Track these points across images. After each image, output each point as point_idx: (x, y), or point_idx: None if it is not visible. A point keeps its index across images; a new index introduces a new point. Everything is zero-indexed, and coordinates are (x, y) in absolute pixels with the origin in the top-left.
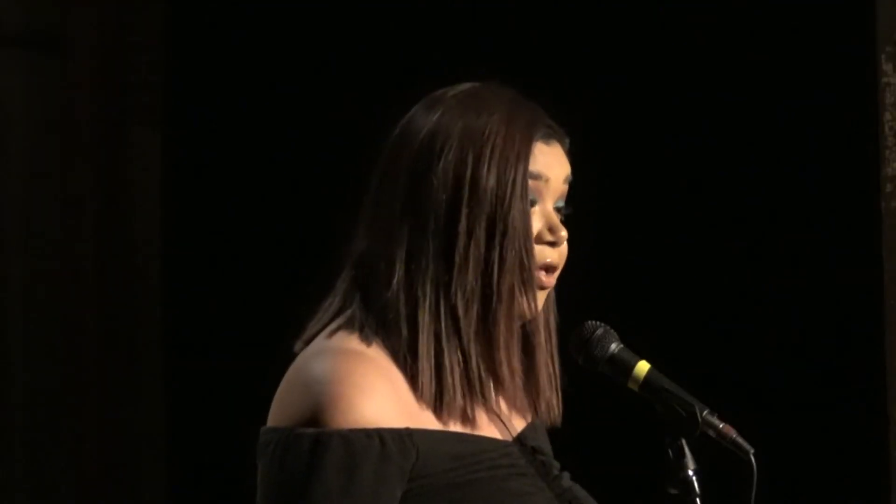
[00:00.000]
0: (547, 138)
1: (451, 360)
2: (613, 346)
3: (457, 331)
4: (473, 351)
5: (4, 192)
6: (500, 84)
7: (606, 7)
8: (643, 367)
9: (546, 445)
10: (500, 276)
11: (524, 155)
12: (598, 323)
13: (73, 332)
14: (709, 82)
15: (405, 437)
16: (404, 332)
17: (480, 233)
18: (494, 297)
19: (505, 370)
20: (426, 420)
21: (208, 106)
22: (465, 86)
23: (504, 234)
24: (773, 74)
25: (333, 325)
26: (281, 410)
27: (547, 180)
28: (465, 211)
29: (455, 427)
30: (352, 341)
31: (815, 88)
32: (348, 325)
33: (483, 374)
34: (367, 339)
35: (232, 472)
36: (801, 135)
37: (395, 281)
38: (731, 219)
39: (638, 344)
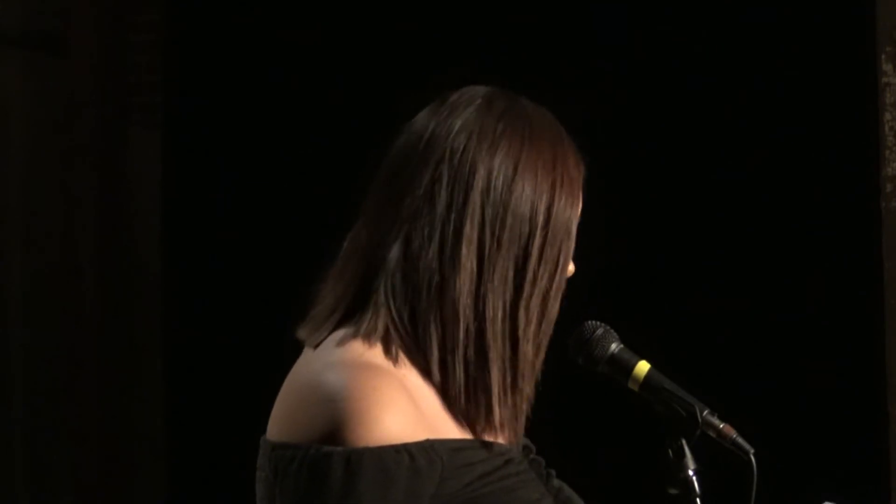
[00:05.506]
0: (581, 178)
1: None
2: (613, 346)
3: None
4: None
5: (4, 192)
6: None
7: (605, 6)
8: (643, 367)
9: (529, 443)
10: (552, 305)
11: (578, 194)
12: (597, 323)
13: (73, 331)
14: (708, 83)
15: (429, 449)
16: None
17: (549, 262)
18: (544, 322)
19: (529, 390)
20: (442, 428)
21: (208, 106)
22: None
23: (565, 266)
24: (772, 75)
25: (348, 331)
26: (297, 424)
27: (578, 221)
28: (539, 237)
29: (467, 433)
30: (367, 352)
31: (815, 88)
32: (366, 335)
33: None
34: (387, 350)
35: (231, 472)
36: (802, 135)
37: (463, 293)
38: (731, 219)
39: (638, 344)
